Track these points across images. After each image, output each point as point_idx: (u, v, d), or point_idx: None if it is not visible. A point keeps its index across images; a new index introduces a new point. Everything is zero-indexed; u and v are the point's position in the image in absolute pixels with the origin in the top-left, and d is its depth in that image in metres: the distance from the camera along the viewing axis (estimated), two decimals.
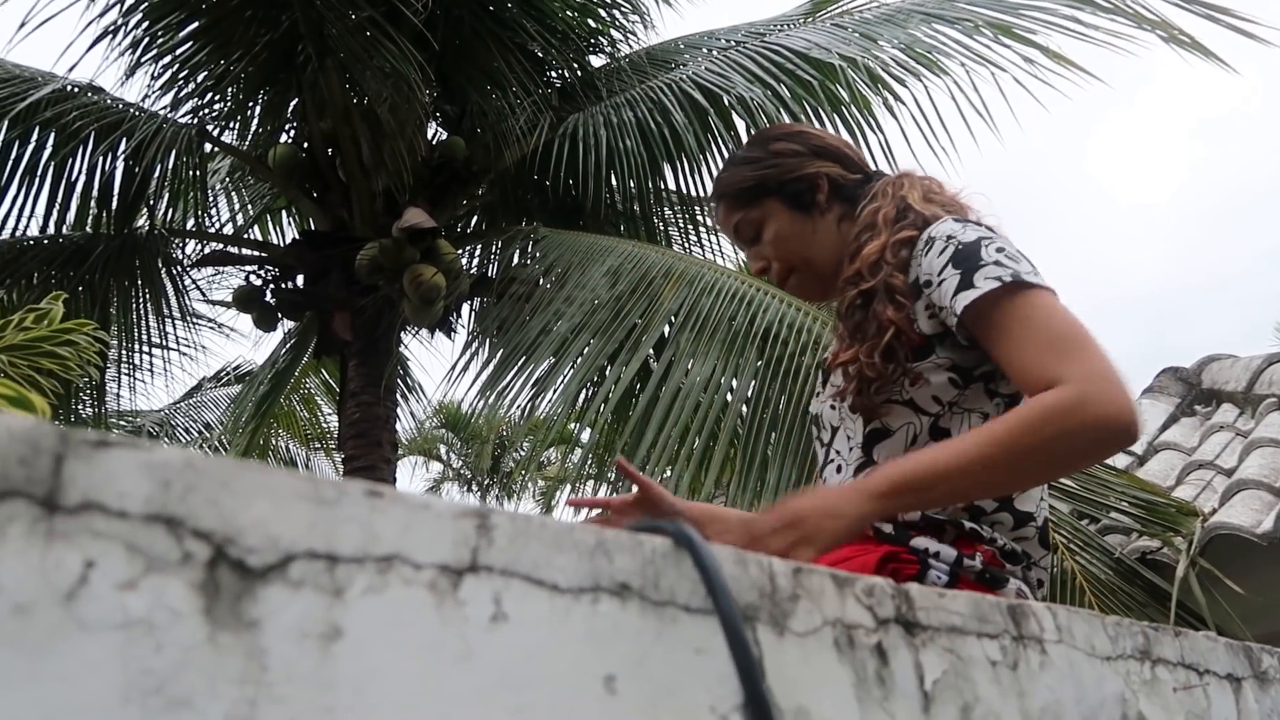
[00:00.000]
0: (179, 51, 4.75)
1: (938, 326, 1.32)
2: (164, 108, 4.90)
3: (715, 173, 1.71)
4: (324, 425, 7.21)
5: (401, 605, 0.43)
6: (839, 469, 1.42)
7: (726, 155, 1.70)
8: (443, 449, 11.74)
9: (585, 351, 3.67)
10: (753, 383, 3.25)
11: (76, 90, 4.64)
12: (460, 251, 5.02)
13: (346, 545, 0.43)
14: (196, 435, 7.50)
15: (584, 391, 3.86)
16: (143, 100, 4.87)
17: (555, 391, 3.61)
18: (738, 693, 0.54)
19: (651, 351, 3.83)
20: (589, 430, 4.22)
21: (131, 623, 0.35)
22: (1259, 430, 2.97)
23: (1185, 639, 0.96)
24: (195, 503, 0.39)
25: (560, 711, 0.47)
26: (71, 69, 4.62)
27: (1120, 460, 3.21)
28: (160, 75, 4.76)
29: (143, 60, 4.72)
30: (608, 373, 3.75)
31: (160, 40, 4.68)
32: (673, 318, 3.64)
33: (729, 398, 3.29)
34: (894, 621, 0.67)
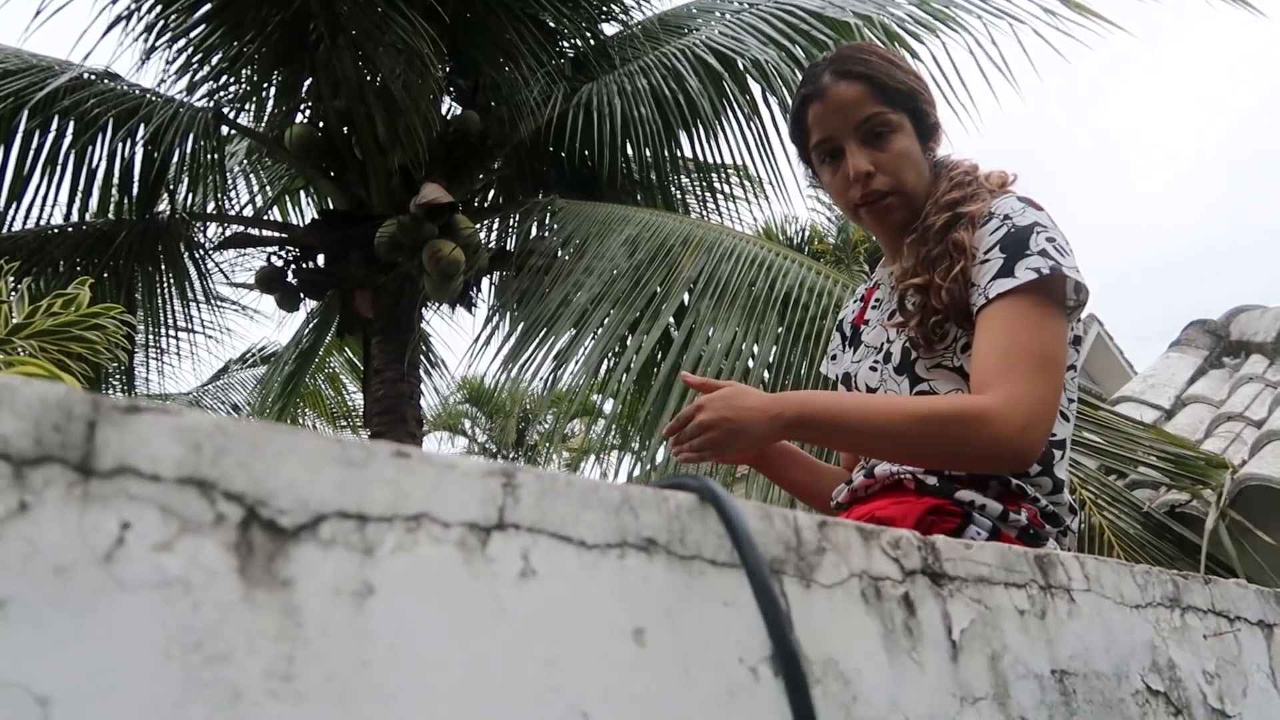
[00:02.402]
0: (192, 35, 4.76)
1: (980, 297, 1.32)
2: (180, 92, 4.92)
3: (847, 49, 1.55)
4: (350, 403, 7.28)
5: (431, 563, 0.44)
6: None
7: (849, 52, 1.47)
8: (467, 424, 11.83)
9: (606, 322, 3.67)
10: (774, 348, 3.24)
11: (92, 78, 4.66)
12: (478, 225, 5.02)
13: (376, 505, 0.43)
14: (226, 416, 7.58)
15: (605, 362, 3.86)
16: (158, 85, 4.89)
17: (577, 363, 3.62)
18: (766, 644, 0.55)
19: (672, 320, 3.83)
20: (612, 401, 4.24)
21: (169, 582, 0.36)
22: None
23: (1215, 586, 0.96)
24: (226, 465, 0.40)
25: (592, 664, 0.48)
26: (86, 56, 4.64)
27: (1148, 415, 3.18)
28: (174, 60, 4.77)
29: (156, 45, 4.73)
30: (628, 342, 3.75)
31: (173, 24, 4.69)
32: (692, 285, 3.63)
33: (750, 363, 3.28)
34: (921, 573, 0.68)
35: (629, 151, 5.03)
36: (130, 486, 0.37)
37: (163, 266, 5.28)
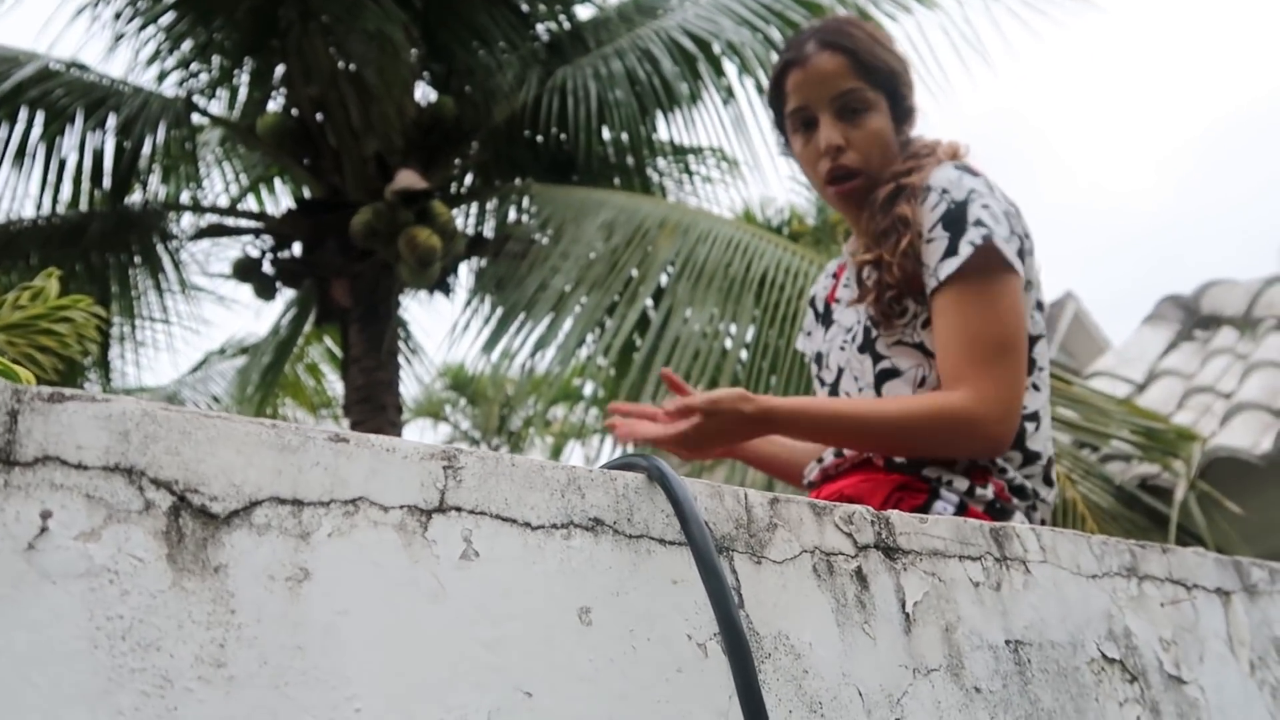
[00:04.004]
0: (161, 21, 4.70)
1: (932, 280, 1.33)
2: (150, 81, 4.86)
3: (834, 21, 1.53)
4: (330, 392, 7.25)
5: (370, 546, 0.44)
6: None
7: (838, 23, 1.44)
8: (449, 410, 11.81)
9: (583, 306, 3.67)
10: (751, 328, 3.25)
11: (60, 68, 4.60)
12: (455, 211, 5.00)
13: (312, 490, 0.43)
14: (205, 408, 7.53)
15: (584, 346, 3.86)
16: (128, 74, 4.83)
17: (555, 347, 3.62)
18: (715, 621, 0.55)
19: (650, 302, 3.83)
20: (591, 384, 4.24)
21: (95, 571, 0.36)
22: (1259, 352, 2.96)
23: (1173, 555, 0.97)
24: (155, 453, 0.39)
25: (536, 643, 0.48)
26: (52, 46, 4.58)
27: (1122, 389, 3.21)
28: (143, 48, 4.71)
29: (124, 32, 4.67)
30: (607, 325, 3.75)
31: (141, 11, 4.62)
32: (669, 268, 3.63)
33: (728, 344, 3.29)
34: (874, 547, 0.68)
35: (605, 135, 5.01)
36: (54, 475, 0.36)
37: (136, 258, 5.22)
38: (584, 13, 5.63)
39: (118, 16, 4.68)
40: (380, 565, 0.44)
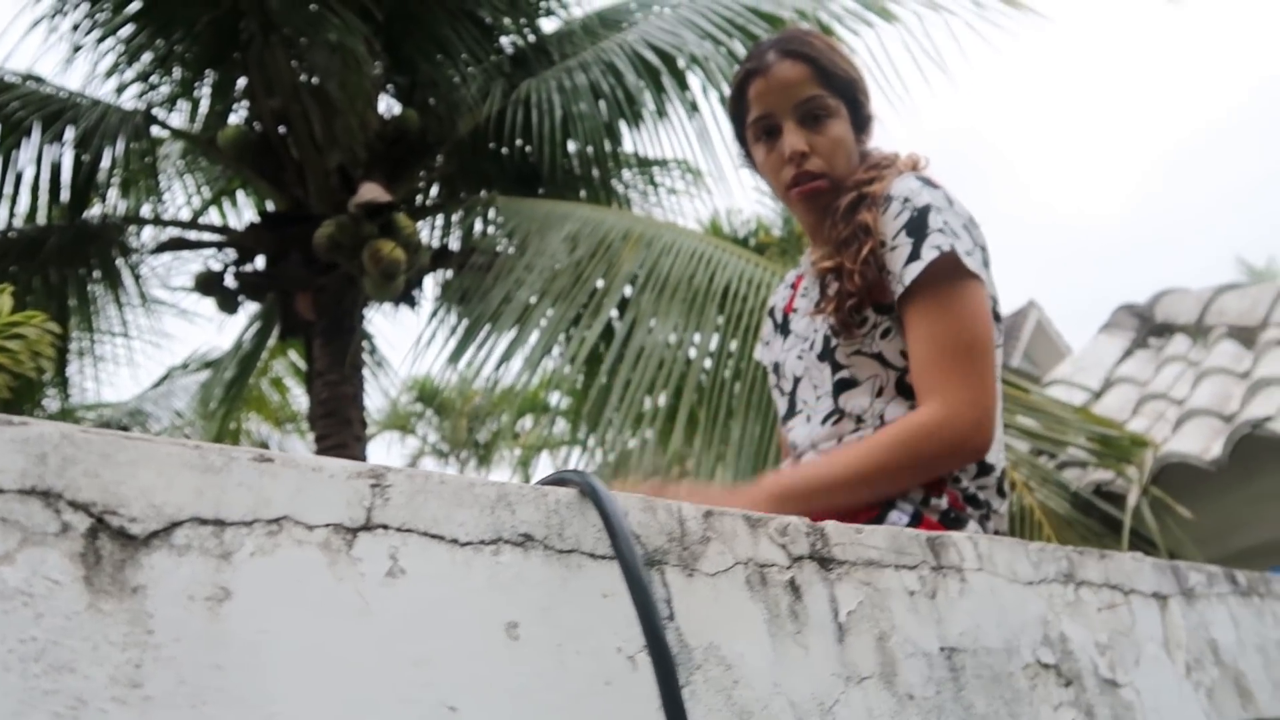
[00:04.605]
0: (120, 33, 4.65)
1: (898, 286, 1.35)
2: (109, 93, 4.81)
3: (794, 31, 1.54)
4: (295, 407, 7.19)
5: (293, 565, 0.45)
6: (808, 419, 1.45)
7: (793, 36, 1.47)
8: (417, 423, 11.75)
9: (548, 318, 3.67)
10: (715, 338, 3.27)
11: (15, 80, 4.54)
12: (420, 224, 4.99)
13: (235, 510, 0.44)
14: (169, 423, 7.44)
15: (549, 358, 3.87)
16: (86, 87, 4.78)
17: (519, 359, 3.62)
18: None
19: (616, 312, 3.85)
20: (557, 395, 4.25)
21: (8, 594, 0.36)
22: (1210, 359, 3.03)
23: (1110, 561, 1.00)
24: (73, 475, 0.40)
25: (462, 659, 0.49)
26: (7, 58, 4.52)
27: (1078, 396, 3.27)
28: (101, 60, 4.66)
29: (83, 44, 4.62)
30: (571, 337, 3.76)
31: (100, 22, 4.58)
32: (634, 279, 3.64)
33: (692, 353, 3.31)
34: (809, 558, 0.70)
35: (570, 147, 5.03)
36: None
37: (96, 272, 5.16)
38: (548, 26, 5.65)
39: (76, 28, 4.64)
40: (304, 584, 0.45)
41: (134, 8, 4.57)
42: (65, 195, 4.88)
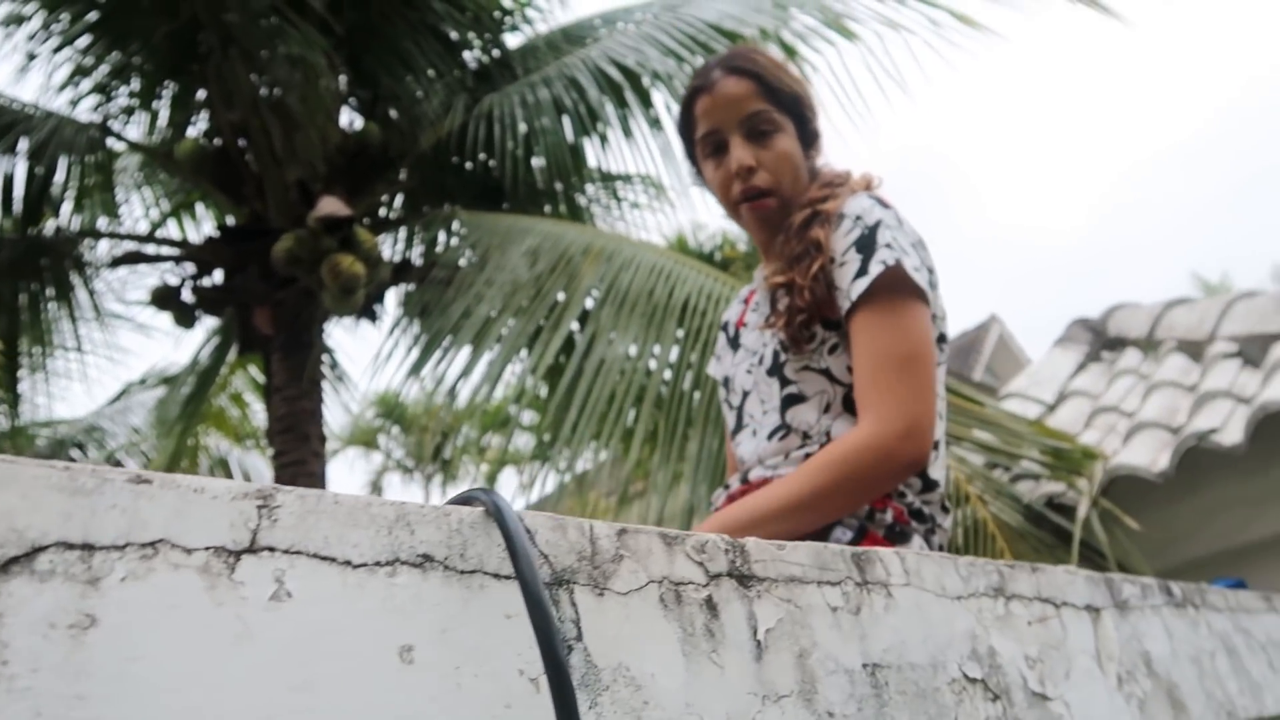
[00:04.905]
0: (77, 44, 4.59)
1: (845, 301, 1.36)
2: (64, 105, 4.74)
3: (740, 49, 1.55)
4: (254, 423, 7.10)
5: (167, 590, 0.43)
6: (754, 433, 1.45)
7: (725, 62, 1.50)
8: (382, 440, 11.63)
9: (508, 330, 3.66)
10: (675, 350, 3.27)
11: None
12: (382, 238, 4.96)
13: (106, 533, 0.43)
14: (126, 440, 7.32)
15: (510, 372, 3.85)
16: (40, 98, 4.70)
17: (478, 374, 3.60)
18: None
19: (576, 326, 3.84)
20: (514, 408, 4.22)
21: None
22: (1160, 373, 3.08)
23: (1042, 574, 1.00)
24: None
25: (350, 685, 0.47)
26: None
27: (1031, 410, 3.31)
28: (56, 71, 4.60)
29: (38, 54, 4.55)
30: (533, 349, 3.75)
31: (55, 32, 4.52)
32: (594, 293, 3.64)
33: (652, 365, 3.31)
34: (727, 575, 0.69)
35: (533, 162, 5.03)
36: None
37: (49, 288, 5.07)
38: (512, 41, 5.66)
39: (32, 38, 4.58)
40: (179, 609, 0.43)
41: (91, 18, 4.51)
42: (17, 208, 4.80)
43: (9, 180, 4.74)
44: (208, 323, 5.47)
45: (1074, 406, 3.21)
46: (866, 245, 1.33)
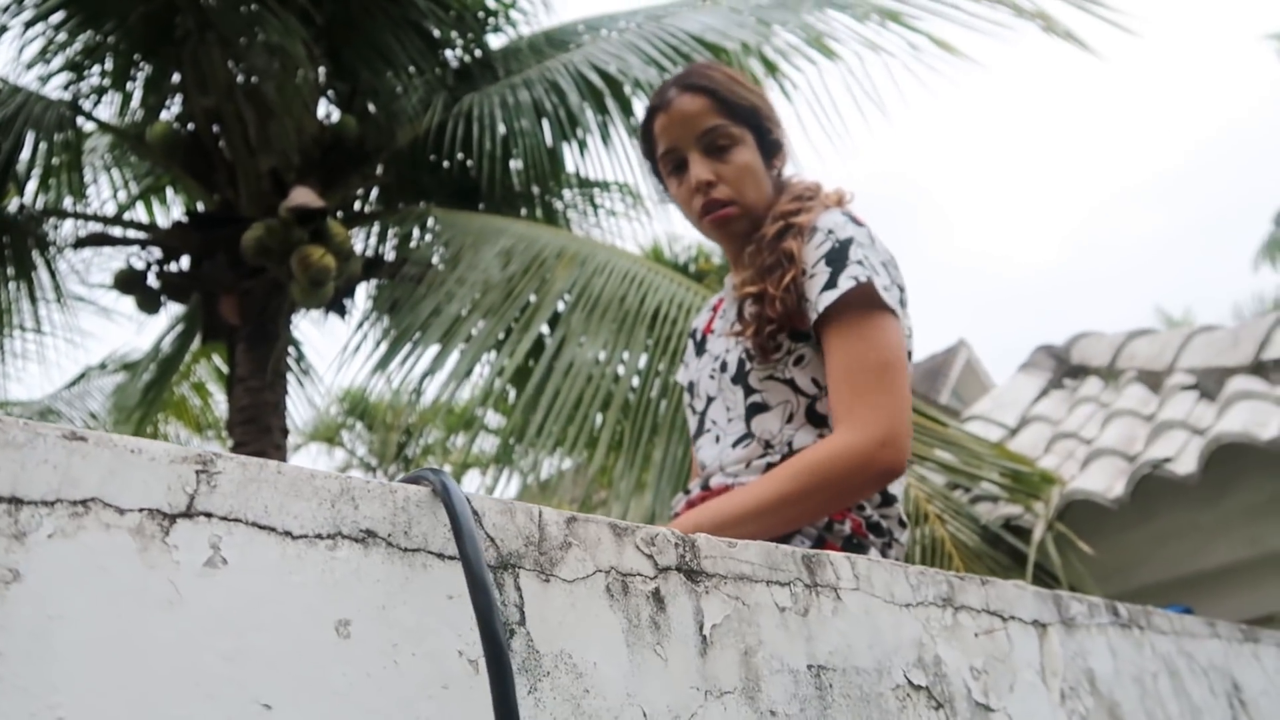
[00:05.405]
0: (50, 20, 4.52)
1: (813, 312, 1.36)
2: (33, 81, 4.66)
3: (695, 66, 1.56)
4: (216, 413, 6.99)
5: (97, 550, 0.42)
6: (717, 439, 1.45)
7: (692, 72, 1.52)
8: (346, 436, 11.52)
9: (478, 331, 3.64)
10: (643, 357, 3.27)
11: None
12: (355, 232, 4.92)
13: (35, 488, 0.42)
14: (82, 424, 7.18)
15: (478, 372, 3.83)
16: (9, 73, 4.62)
17: (445, 372, 3.58)
18: None
19: (546, 329, 3.83)
20: (490, 412, 4.20)
21: None
22: (1119, 401, 3.13)
23: (991, 587, 1.01)
24: None
25: (282, 656, 0.47)
26: None
27: (993, 433, 3.34)
28: (27, 46, 4.52)
29: (8, 27, 4.47)
30: (502, 350, 3.73)
31: (28, 4, 4.45)
32: (565, 297, 3.63)
33: (620, 371, 3.31)
34: (675, 569, 0.69)
35: (511, 164, 5.02)
36: None
37: (9, 266, 4.97)
38: (495, 41, 5.65)
39: (4, 10, 4.50)
40: (108, 570, 0.42)
41: None
42: None
43: None
44: (172, 309, 5.40)
45: (1035, 431, 3.25)
46: (836, 259, 1.34)
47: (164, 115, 5.02)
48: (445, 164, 5.10)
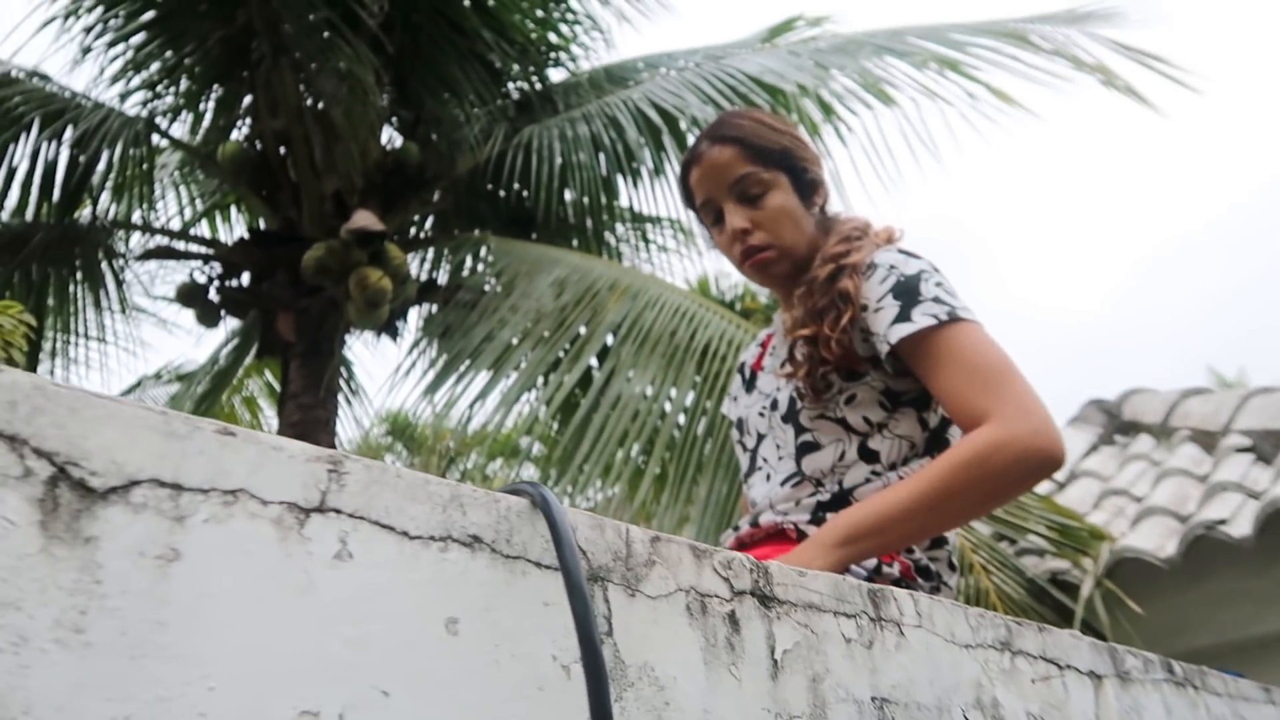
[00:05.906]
0: (131, 41, 4.71)
1: (870, 350, 1.37)
2: (113, 98, 4.85)
3: (724, 116, 1.58)
4: (266, 427, 7.12)
5: (244, 536, 0.46)
6: (768, 477, 1.46)
7: (733, 111, 1.56)
8: (389, 459, 11.64)
9: (527, 359, 3.69)
10: (690, 394, 3.29)
11: (20, 75, 4.57)
12: (410, 256, 5.02)
13: (193, 476, 0.45)
14: (48, 379, 7.32)
15: (524, 400, 3.88)
16: (90, 89, 4.81)
17: (495, 399, 3.63)
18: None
19: (595, 361, 3.87)
20: (527, 439, 4.24)
21: None
22: (1172, 460, 3.09)
23: (1048, 634, 1.01)
24: (41, 424, 0.41)
25: (399, 646, 0.50)
26: (15, 54, 4.57)
27: (1042, 486, 3.31)
28: (110, 64, 4.71)
29: (92, 48, 4.67)
30: (549, 381, 3.78)
31: (112, 28, 4.64)
32: (616, 329, 3.68)
33: (668, 407, 3.33)
34: (750, 594, 0.71)
35: (566, 195, 5.10)
36: None
37: (78, 274, 5.14)
38: (556, 75, 5.77)
39: (88, 31, 4.70)
40: (252, 555, 0.46)
41: (148, 16, 4.63)
42: (57, 194, 4.89)
43: (52, 166, 4.83)
44: (230, 323, 5.54)
45: (1084, 486, 3.22)
46: (906, 292, 1.34)
47: (234, 135, 5.19)
48: (502, 193, 5.21)
